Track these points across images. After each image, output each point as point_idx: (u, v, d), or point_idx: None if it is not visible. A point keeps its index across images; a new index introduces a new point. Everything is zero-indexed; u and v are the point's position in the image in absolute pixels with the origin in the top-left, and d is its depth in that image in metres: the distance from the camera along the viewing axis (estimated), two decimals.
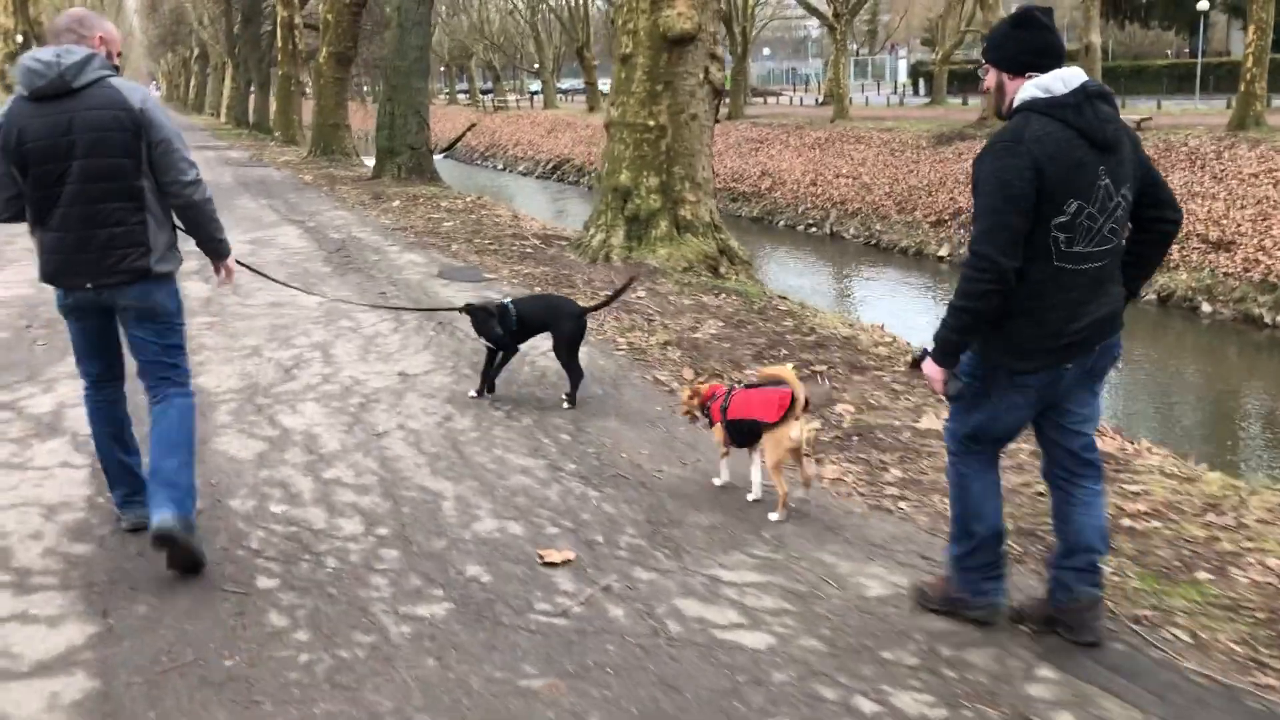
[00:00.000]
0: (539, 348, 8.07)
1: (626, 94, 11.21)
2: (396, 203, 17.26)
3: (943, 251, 26.62)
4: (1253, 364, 18.09)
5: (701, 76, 11.13)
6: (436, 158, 24.33)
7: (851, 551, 4.62)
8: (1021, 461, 5.60)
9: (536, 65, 66.25)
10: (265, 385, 7.15)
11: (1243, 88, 26.23)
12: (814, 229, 31.92)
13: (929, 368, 3.61)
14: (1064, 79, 3.37)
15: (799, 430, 4.77)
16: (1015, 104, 3.43)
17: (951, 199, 28.42)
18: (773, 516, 4.91)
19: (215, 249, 4.52)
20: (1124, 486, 5.58)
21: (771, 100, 59.68)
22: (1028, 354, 3.46)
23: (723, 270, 10.94)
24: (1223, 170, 24.16)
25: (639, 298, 9.70)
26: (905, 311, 19.58)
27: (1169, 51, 48.18)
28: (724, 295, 9.96)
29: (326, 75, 27.97)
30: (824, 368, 7.79)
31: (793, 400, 4.74)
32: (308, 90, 38.62)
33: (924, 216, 28.47)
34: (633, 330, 8.70)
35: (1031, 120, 3.34)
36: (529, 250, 12.40)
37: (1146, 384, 16.47)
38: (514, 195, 36.55)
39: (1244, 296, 19.81)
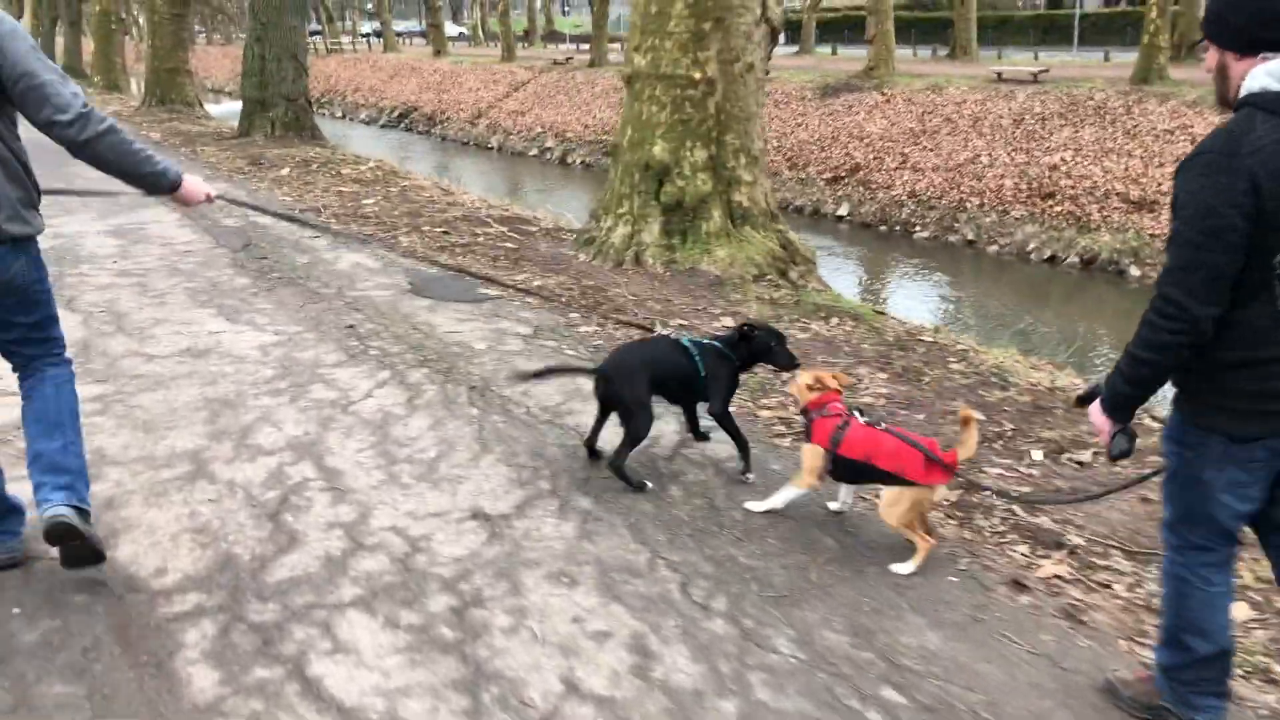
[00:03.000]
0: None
1: (660, 34, 7.88)
2: (285, 170, 13.37)
3: (842, 211, 24.24)
4: None
5: (759, 12, 7.94)
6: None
7: None
8: None
9: (372, 4, 60.55)
10: (250, 564, 3.77)
11: (1145, 39, 24.57)
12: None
13: (1097, 416, 2.88)
14: None
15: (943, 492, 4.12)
16: (1241, 94, 2.57)
17: (846, 154, 26.10)
18: (902, 569, 3.84)
19: (152, 184, 3.55)
20: None
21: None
22: (1246, 416, 2.65)
23: (792, 275, 7.88)
24: (1134, 126, 22.45)
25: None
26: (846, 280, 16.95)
27: (1020, 3, 46.93)
28: (835, 319, 6.93)
29: (161, 11, 23.17)
30: (1087, 454, 4.96)
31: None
32: (131, 30, 33.03)
33: (818, 173, 25.93)
34: (764, 392, 5.61)
35: (1257, 122, 2.49)
36: (509, 245, 9.00)
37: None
38: (360, 145, 32.03)
39: None
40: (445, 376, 5.69)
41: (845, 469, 4.02)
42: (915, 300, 16.49)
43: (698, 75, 7.81)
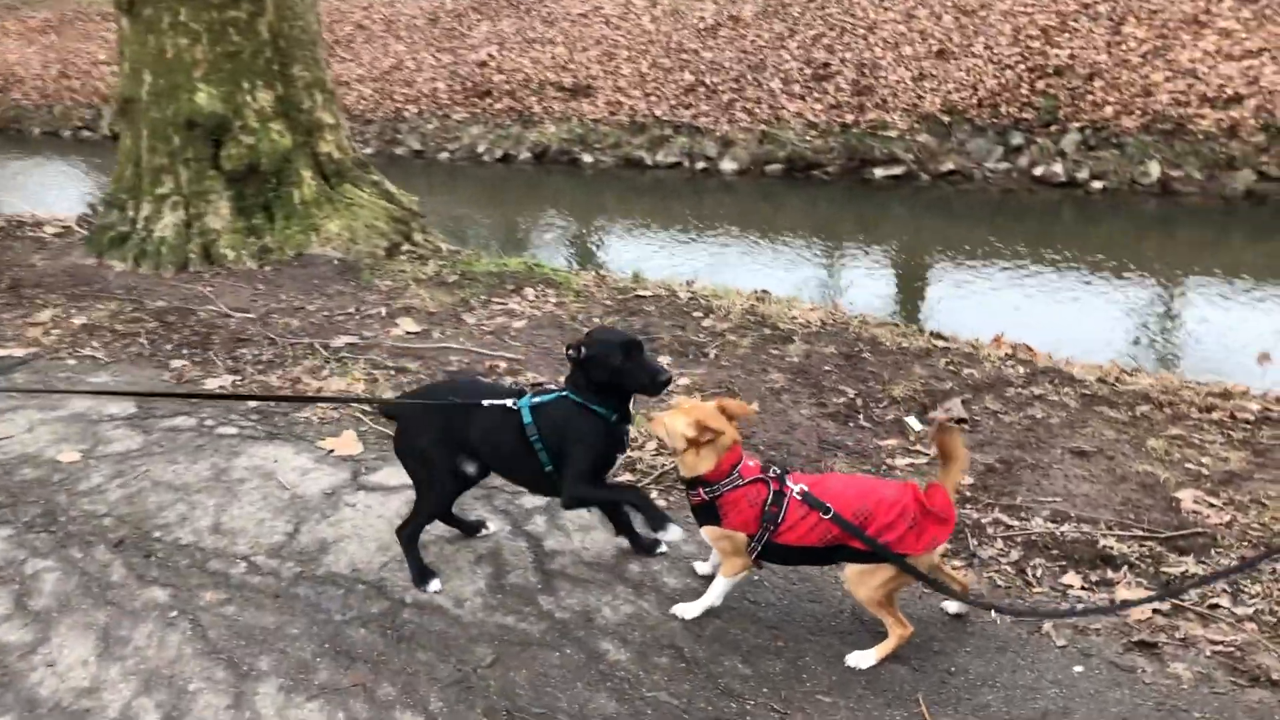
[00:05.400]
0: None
1: None
2: None
3: None
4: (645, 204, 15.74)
5: None
6: None
7: None
8: None
9: None
10: None
11: None
12: (86, 131, 24.01)
13: None
14: None
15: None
16: None
17: None
18: (858, 661, 2.67)
19: None
20: None
21: None
22: None
23: (417, 238, 5.91)
24: (549, 13, 22.28)
25: (396, 341, 4.59)
26: None
27: None
28: (530, 290, 5.18)
29: None
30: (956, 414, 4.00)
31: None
32: None
33: None
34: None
35: None
36: None
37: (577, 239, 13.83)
38: None
39: (619, 141, 18.25)
40: (51, 532, 3.16)
41: (788, 554, 2.68)
42: None
43: None
